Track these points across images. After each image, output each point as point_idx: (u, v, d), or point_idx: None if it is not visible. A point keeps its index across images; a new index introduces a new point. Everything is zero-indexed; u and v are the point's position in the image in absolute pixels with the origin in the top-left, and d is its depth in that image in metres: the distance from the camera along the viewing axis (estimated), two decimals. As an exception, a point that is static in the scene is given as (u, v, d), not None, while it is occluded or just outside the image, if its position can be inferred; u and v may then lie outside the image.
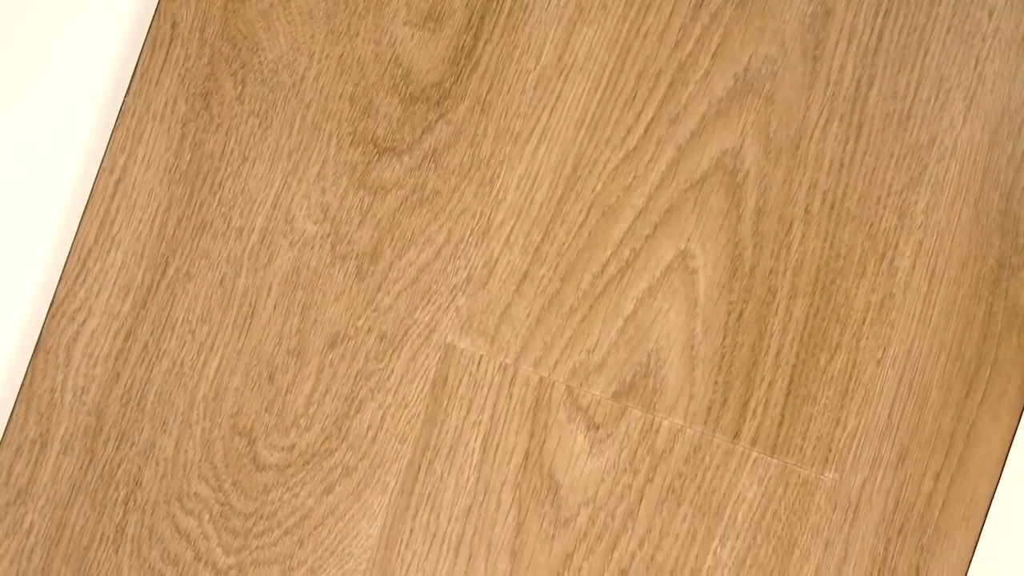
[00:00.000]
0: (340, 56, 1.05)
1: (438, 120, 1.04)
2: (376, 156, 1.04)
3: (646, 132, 1.04)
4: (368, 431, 1.03)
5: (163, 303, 1.04)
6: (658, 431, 1.02)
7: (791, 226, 1.03)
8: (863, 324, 1.02)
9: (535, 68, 1.04)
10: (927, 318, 1.02)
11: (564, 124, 1.04)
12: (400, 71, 1.04)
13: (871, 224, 1.03)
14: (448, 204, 1.04)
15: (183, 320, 1.04)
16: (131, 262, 1.04)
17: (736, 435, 1.02)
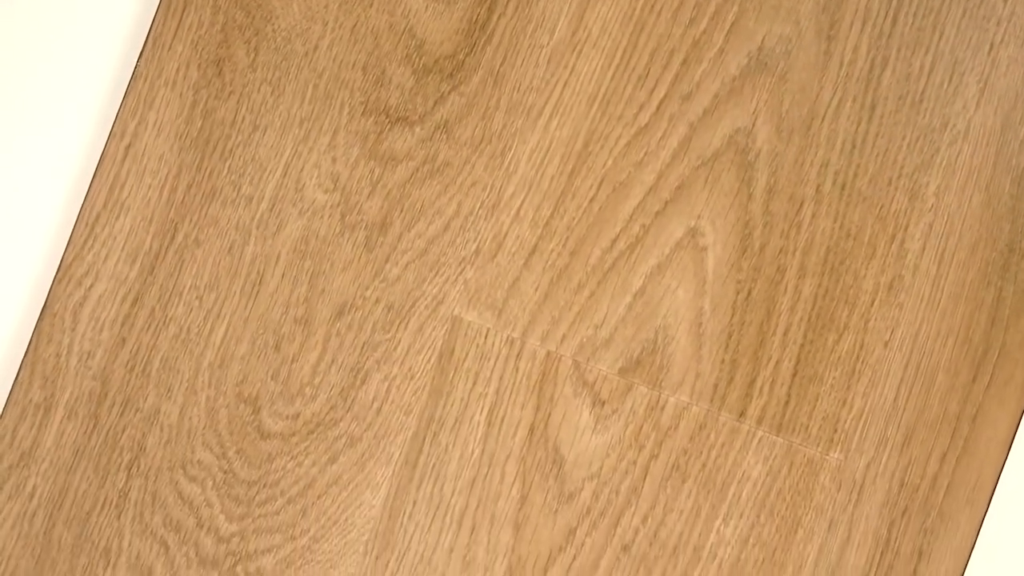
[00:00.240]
0: (354, 26, 1.04)
1: (451, 92, 1.04)
2: (388, 126, 1.04)
3: (658, 109, 1.04)
4: (373, 402, 1.03)
5: (171, 269, 1.04)
6: (664, 408, 1.02)
7: (801, 206, 1.03)
8: (871, 305, 1.02)
9: (549, 42, 1.04)
10: (936, 301, 1.02)
11: (577, 99, 1.04)
12: (414, 42, 1.04)
13: (882, 205, 1.03)
14: (459, 176, 1.04)
15: (190, 287, 1.04)
16: (140, 228, 1.04)
17: (742, 413, 1.02)
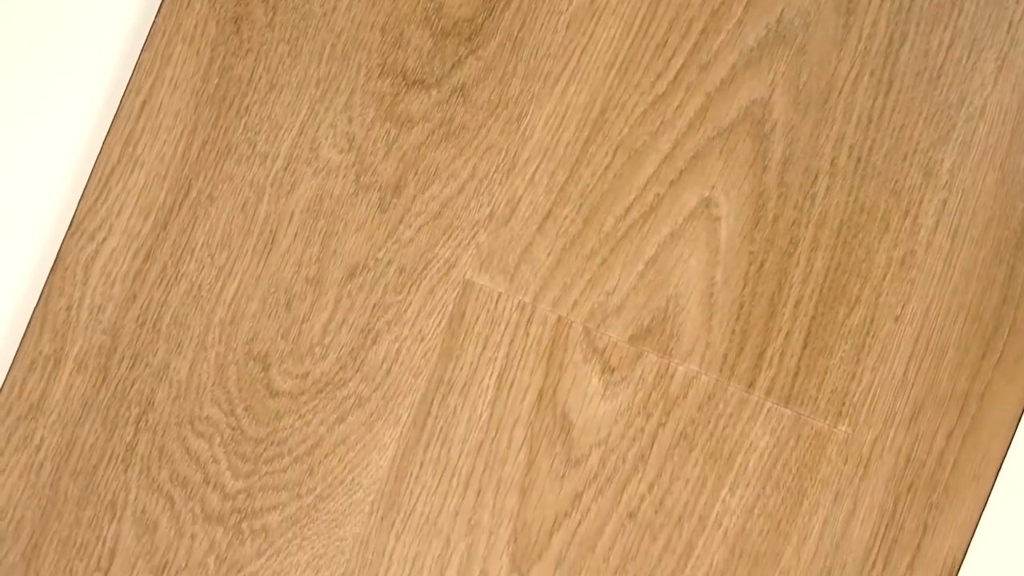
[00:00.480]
0: (373, -14, 1.05)
1: (468, 55, 1.04)
2: (404, 88, 1.04)
3: (676, 78, 1.04)
4: (383, 363, 1.03)
5: (184, 225, 1.04)
6: (673, 376, 1.02)
7: (816, 179, 1.03)
8: (883, 280, 1.02)
9: (568, 8, 1.04)
10: (947, 277, 1.02)
11: (594, 66, 1.04)
12: (433, 4, 1.04)
13: (896, 181, 1.03)
14: (474, 140, 1.04)
15: (203, 243, 1.04)
16: (153, 183, 1.04)
17: (751, 384, 1.02)
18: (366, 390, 1.03)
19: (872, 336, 1.02)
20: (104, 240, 1.04)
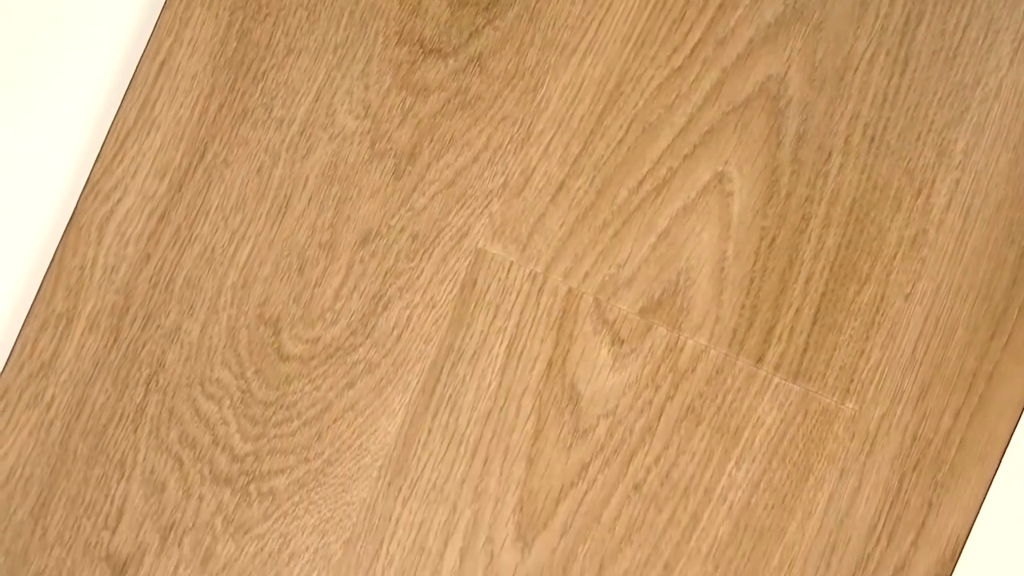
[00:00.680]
0: (393, -46, 1.05)
1: (486, 25, 1.04)
2: (421, 57, 1.04)
3: (692, 52, 1.04)
4: (394, 329, 1.03)
5: (199, 188, 1.04)
6: (682, 350, 1.03)
7: (830, 156, 1.03)
8: (894, 258, 1.02)
9: (586, -19, 1.04)
10: (959, 257, 1.02)
11: (611, 38, 1.04)
12: (452, -27, 1.05)
13: (909, 159, 1.03)
14: (489, 110, 1.04)
15: (217, 206, 1.04)
16: (170, 145, 1.04)
17: (759, 359, 1.02)
18: (376, 356, 1.03)
19: (882, 314, 1.02)
20: (119, 201, 1.04)
